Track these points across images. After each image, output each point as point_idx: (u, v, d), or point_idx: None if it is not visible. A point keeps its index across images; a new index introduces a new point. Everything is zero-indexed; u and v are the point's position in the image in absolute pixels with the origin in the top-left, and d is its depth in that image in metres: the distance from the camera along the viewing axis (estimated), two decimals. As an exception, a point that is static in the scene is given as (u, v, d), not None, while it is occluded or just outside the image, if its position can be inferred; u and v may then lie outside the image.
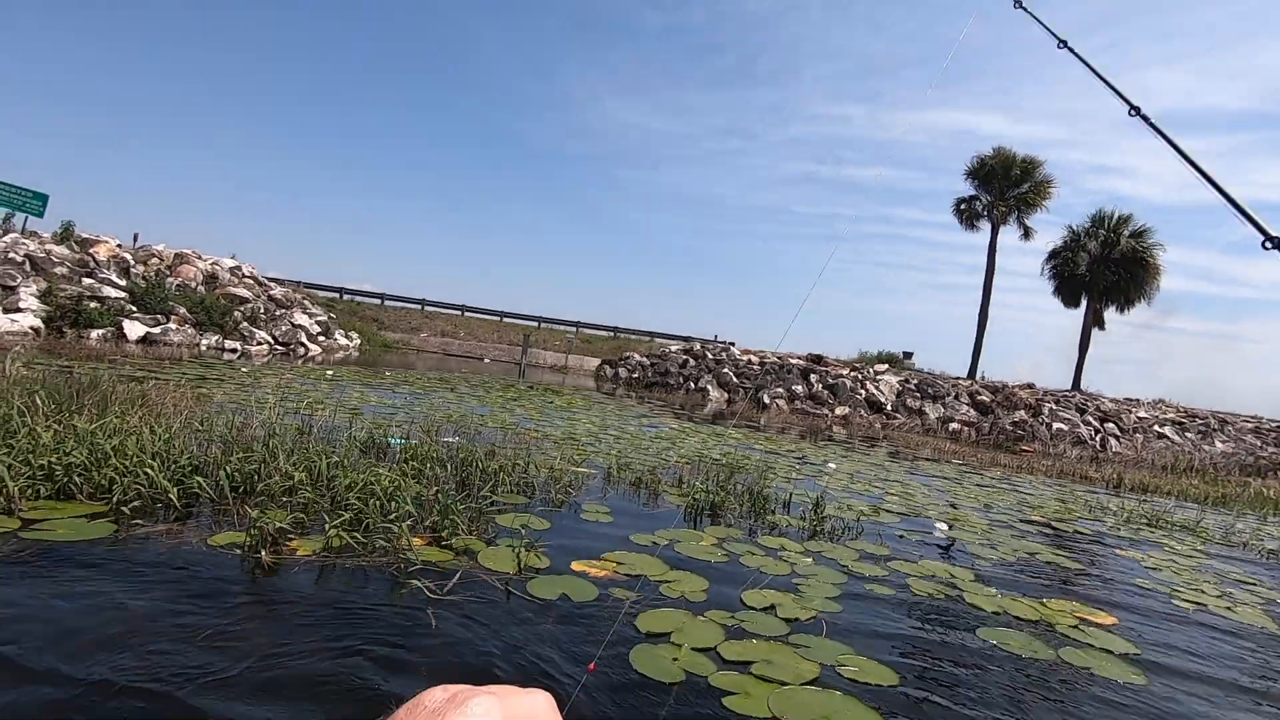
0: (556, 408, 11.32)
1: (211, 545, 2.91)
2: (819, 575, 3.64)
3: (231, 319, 16.68)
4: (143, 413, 4.63)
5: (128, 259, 16.89)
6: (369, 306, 30.53)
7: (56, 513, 3.05)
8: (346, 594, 2.68)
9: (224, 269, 19.30)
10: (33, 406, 4.16)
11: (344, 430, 5.46)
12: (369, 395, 9.46)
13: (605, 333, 33.82)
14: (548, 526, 3.90)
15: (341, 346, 21.49)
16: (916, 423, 19.51)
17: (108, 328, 13.60)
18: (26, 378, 5.58)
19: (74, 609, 2.24)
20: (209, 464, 3.79)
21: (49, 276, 14.26)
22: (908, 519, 5.64)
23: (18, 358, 7.08)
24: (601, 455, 6.64)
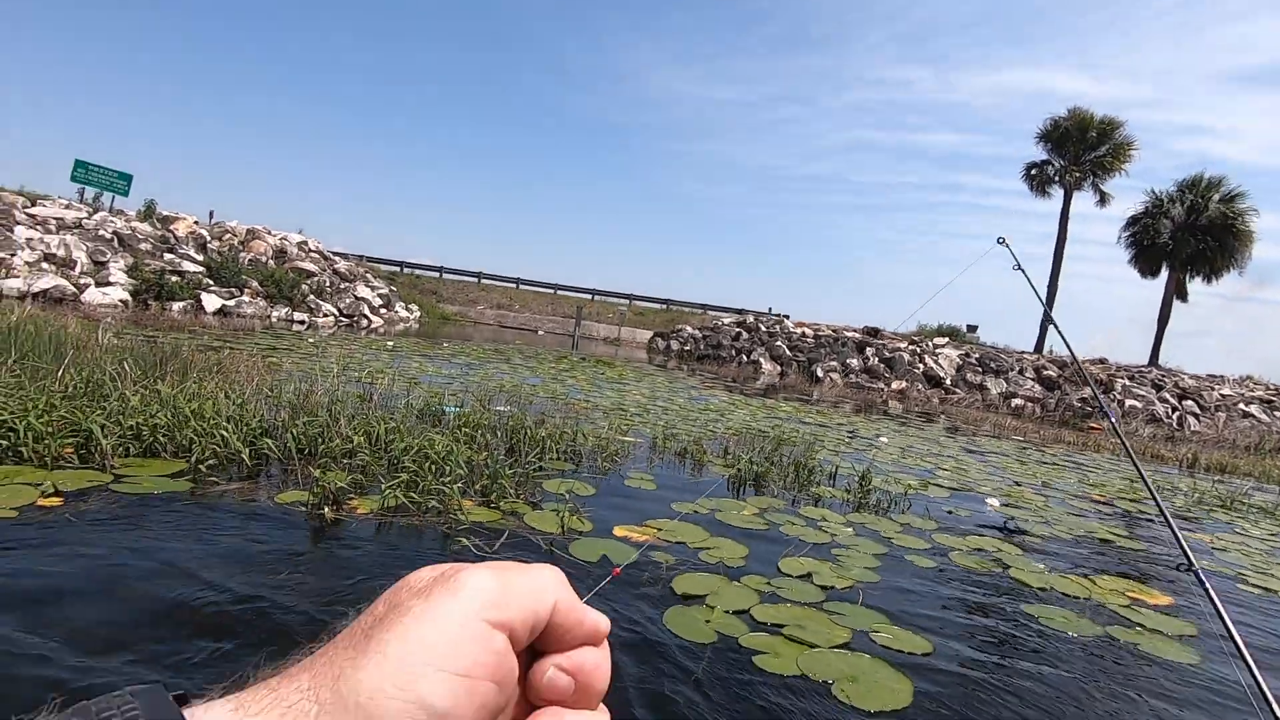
0: (607, 379, 11.47)
1: (279, 502, 3.14)
2: (859, 546, 3.65)
3: (299, 292, 17.42)
4: (218, 379, 4.95)
5: (204, 235, 17.80)
6: (428, 280, 31.32)
7: (143, 469, 3.32)
8: (401, 548, 2.86)
9: (292, 244, 20.11)
10: (122, 373, 4.50)
11: (402, 398, 5.71)
12: (427, 365, 9.79)
13: (658, 305, 33.82)
14: (592, 492, 4.02)
15: (402, 318, 22.19)
16: (977, 398, 18.92)
17: (187, 300, 14.42)
18: (117, 346, 6.02)
19: (158, 551, 2.46)
20: (277, 427, 4.04)
21: (135, 252, 15.18)
22: (958, 494, 5.55)
23: (109, 328, 7.63)
24: (649, 426, 6.73)
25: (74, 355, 4.89)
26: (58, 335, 5.83)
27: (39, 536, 2.46)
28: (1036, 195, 29.49)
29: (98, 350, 5.54)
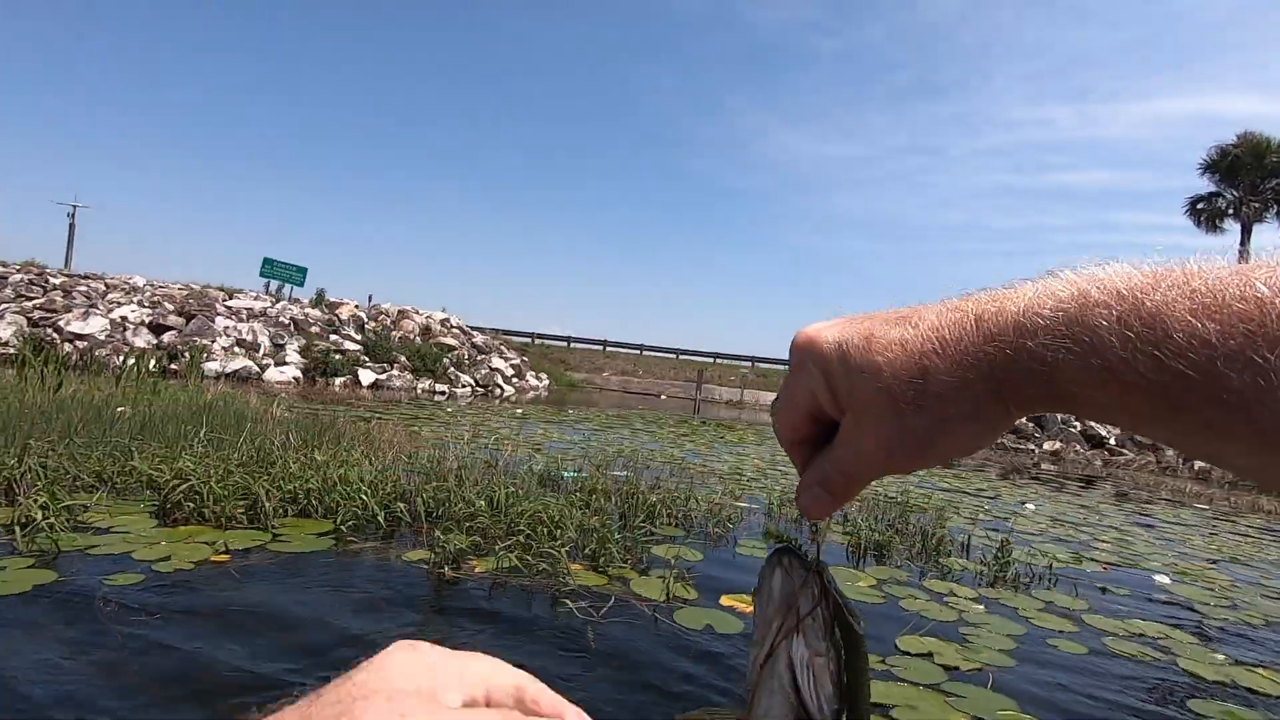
0: (726, 443, 11.38)
1: (406, 560, 3.40)
2: (991, 625, 3.34)
3: (441, 365, 18.91)
4: (364, 447, 5.48)
5: (363, 317, 19.92)
6: (557, 349, 32.92)
7: (297, 529, 3.73)
8: (513, 608, 2.99)
9: (436, 321, 21.99)
10: (286, 443, 5.12)
11: (525, 464, 6.01)
12: (552, 432, 10.22)
13: (782, 366, 33.27)
14: (700, 559, 4.00)
15: (532, 387, 23.36)
16: (1149, 459, 16.77)
17: (347, 376, 16.09)
18: (286, 419, 6.85)
19: (300, 601, 2.75)
20: (410, 491, 4.39)
21: (306, 334, 17.25)
22: (1119, 570, 4.93)
23: (282, 403, 8.69)
24: (765, 491, 6.59)
25: (251, 428, 5.62)
26: (240, 410, 6.73)
27: (209, 586, 2.83)
28: (1206, 231, 26.47)
29: (271, 423, 6.33)
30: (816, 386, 0.38)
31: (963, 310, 0.34)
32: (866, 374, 0.34)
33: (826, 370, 0.37)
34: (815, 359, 0.37)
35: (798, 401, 0.39)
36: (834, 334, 0.37)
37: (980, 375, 0.32)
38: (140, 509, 3.77)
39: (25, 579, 2.68)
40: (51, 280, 15.86)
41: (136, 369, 9.68)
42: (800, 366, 0.39)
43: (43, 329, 13.72)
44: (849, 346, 0.36)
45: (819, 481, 0.39)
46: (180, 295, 16.89)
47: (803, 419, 0.40)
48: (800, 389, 0.39)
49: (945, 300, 0.35)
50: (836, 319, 0.38)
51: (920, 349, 0.33)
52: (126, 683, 2.07)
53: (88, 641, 2.27)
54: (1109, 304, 0.29)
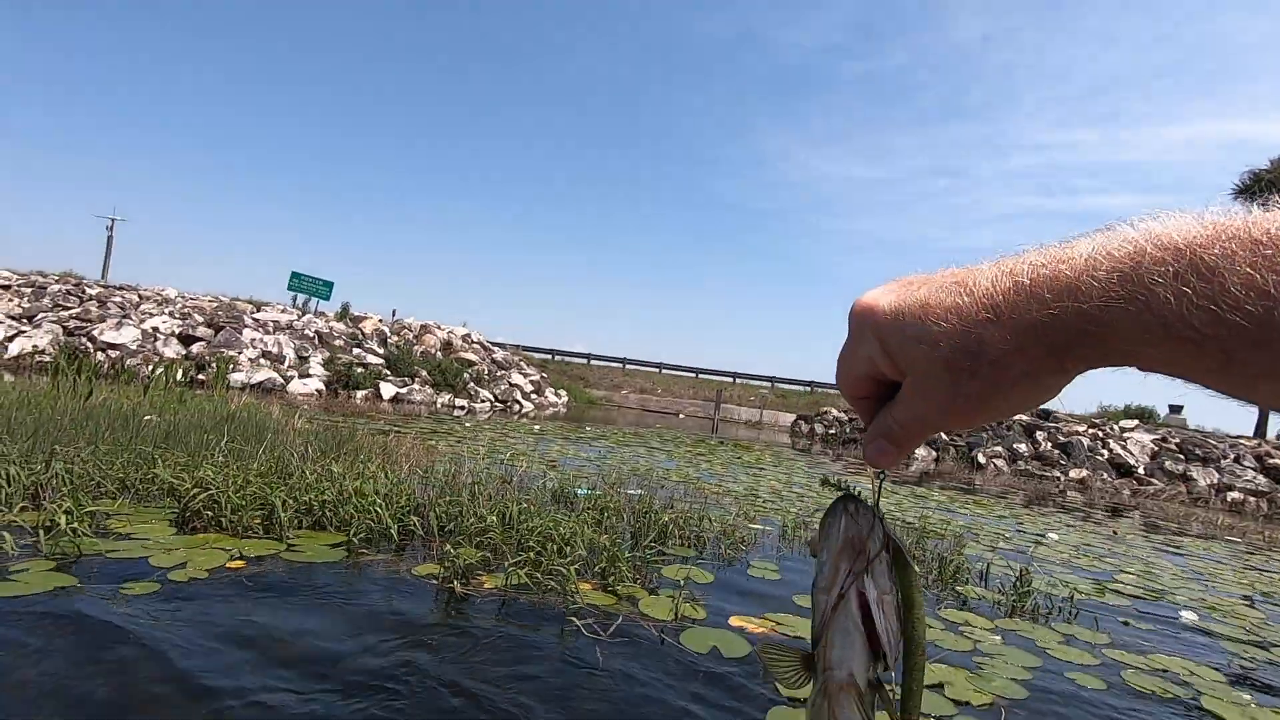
0: (743, 463, 11.30)
1: (416, 574, 3.42)
2: (1007, 656, 3.27)
3: (461, 380, 19.07)
4: (381, 460, 5.54)
5: (385, 331, 20.19)
6: (577, 366, 33.04)
7: (311, 540, 3.78)
8: (520, 625, 2.98)
9: (457, 336, 22.22)
10: (305, 454, 5.20)
11: (540, 480, 6.02)
12: (568, 448, 10.24)
13: (801, 387, 33.05)
14: (711, 580, 3.96)
15: (551, 403, 23.43)
16: (1179, 490, 16.32)
17: (369, 389, 16.28)
18: (307, 430, 6.95)
19: (308, 612, 2.78)
20: (424, 505, 4.42)
21: (330, 347, 17.52)
22: (1143, 603, 4.80)
23: (304, 414, 8.82)
24: (780, 513, 6.53)
25: (271, 438, 5.71)
26: (262, 421, 6.84)
27: (220, 593, 2.87)
28: (1240, 257, 25.89)
29: (292, 434, 6.43)
30: (874, 353, 0.40)
31: (1017, 274, 0.34)
32: (924, 343, 0.36)
33: (883, 338, 0.39)
34: (873, 327, 0.40)
35: (858, 366, 0.42)
36: (890, 302, 0.39)
37: (1035, 339, 0.33)
38: (160, 516, 3.84)
39: (46, 581, 2.74)
40: (88, 291, 16.33)
41: (165, 379, 9.90)
42: (859, 333, 0.41)
43: (78, 338, 14.10)
44: (905, 316, 0.37)
45: (883, 434, 0.42)
46: (210, 307, 17.27)
47: (863, 380, 0.43)
48: (859, 355, 0.42)
49: (999, 260, 0.36)
50: (891, 283, 0.40)
51: (975, 317, 0.35)
52: (126, 687, 2.10)
53: (97, 645, 2.31)
54: (1166, 260, 0.29)
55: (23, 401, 6.20)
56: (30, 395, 6.75)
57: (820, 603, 0.47)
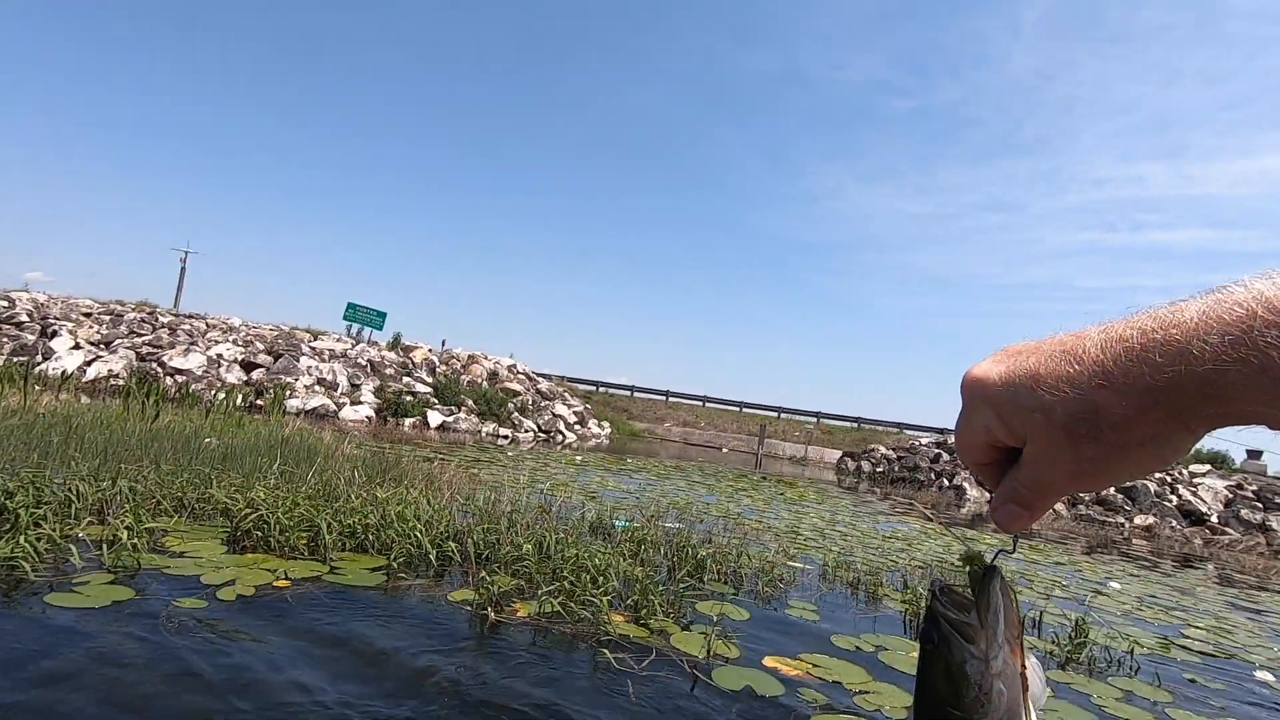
0: (786, 500, 11.10)
1: (451, 600, 3.46)
2: (1059, 711, 3.10)
3: (506, 410, 19.35)
4: (424, 487, 5.65)
5: (434, 360, 20.71)
6: (620, 397, 33.14)
7: (353, 563, 3.87)
8: (552, 655, 2.99)
9: (503, 367, 22.62)
10: (351, 479, 5.35)
11: (578, 510, 6.04)
12: (608, 480, 10.24)
13: (847, 423, 32.39)
14: (747, 617, 3.89)
15: (594, 434, 23.52)
16: (1257, 540, 15.28)
17: (416, 416, 16.66)
18: (355, 455, 7.15)
19: (345, 633, 2.84)
20: (463, 532, 4.49)
21: (381, 376, 18.04)
22: (1212, 660, 4.49)
23: (354, 440, 9.08)
24: (822, 552, 6.37)
25: (321, 463, 5.90)
26: (313, 445, 7.07)
27: (264, 612, 2.97)
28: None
29: (341, 459, 6.62)
30: (990, 423, 0.41)
31: (1126, 340, 0.35)
32: (1039, 412, 0.37)
33: (998, 410, 0.40)
34: (986, 398, 0.41)
35: (975, 436, 0.43)
36: (1000, 373, 0.40)
37: (1153, 403, 0.33)
38: (213, 535, 4.00)
39: (105, 594, 2.88)
40: (160, 319, 17.28)
41: (226, 403, 10.35)
42: (972, 405, 0.42)
43: (149, 363, 14.89)
44: (1018, 388, 0.38)
45: (1011, 499, 0.42)
46: (270, 335, 18.04)
47: (983, 449, 0.43)
48: (975, 426, 0.42)
49: (1106, 325, 0.37)
50: (999, 355, 0.42)
51: (1089, 384, 0.35)
52: (170, 698, 2.18)
53: (149, 656, 2.41)
54: (1276, 323, 0.30)
55: (96, 422, 6.56)
56: (103, 416, 7.15)
57: (997, 689, 0.43)
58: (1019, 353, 0.40)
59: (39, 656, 2.32)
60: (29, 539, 3.15)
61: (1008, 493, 0.42)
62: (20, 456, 4.78)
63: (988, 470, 0.45)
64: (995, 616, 0.44)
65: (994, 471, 0.44)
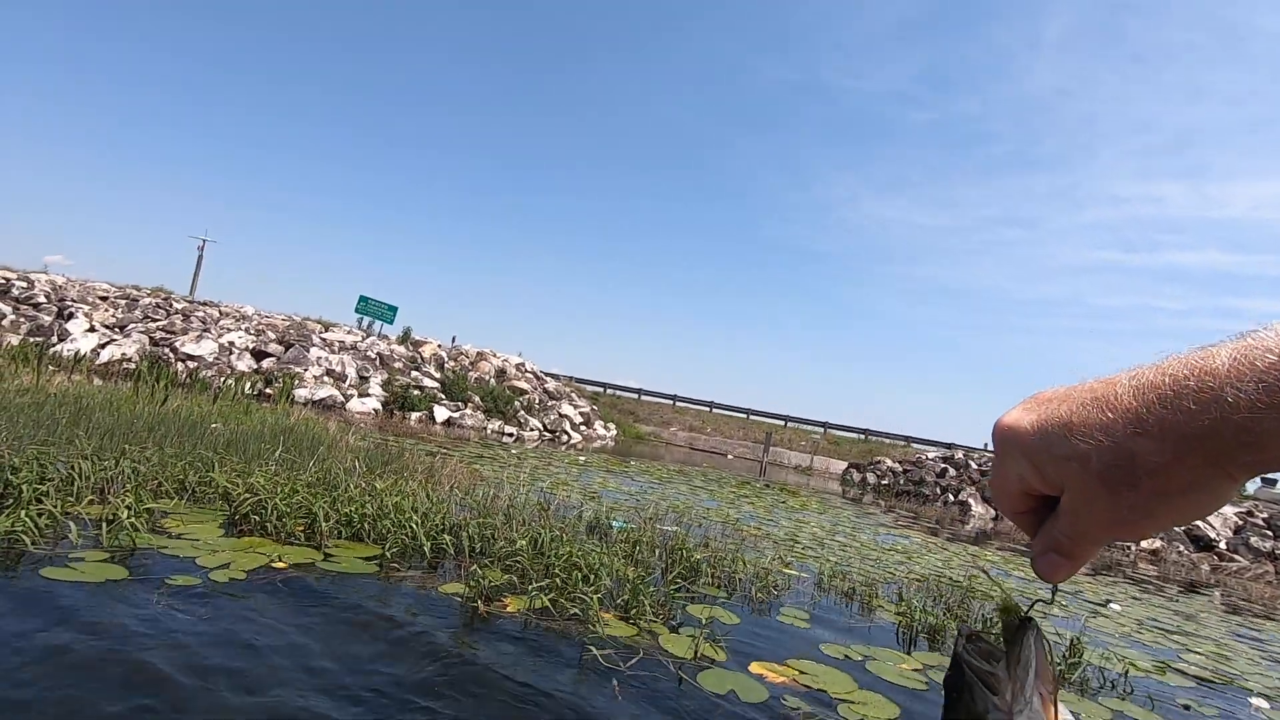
0: (787, 508, 11.06)
1: (442, 592, 3.48)
2: (1046, 728, 3.07)
3: (512, 408, 19.40)
4: (423, 479, 5.68)
5: (443, 356, 20.80)
6: (627, 400, 33.14)
7: (348, 551, 3.90)
8: (540, 650, 3.00)
9: (511, 365, 22.69)
10: (351, 469, 5.38)
11: (576, 509, 6.06)
12: (610, 481, 10.25)
13: (855, 435, 32.24)
14: (737, 622, 3.89)
15: (600, 436, 23.53)
16: (1266, 568, 15.07)
17: (423, 411, 16.74)
18: (358, 447, 7.20)
19: (333, 620, 2.86)
20: (459, 526, 4.51)
21: (390, 369, 18.14)
22: (1208, 686, 4.44)
23: (358, 432, 9.14)
24: (819, 561, 6.35)
25: (323, 451, 5.94)
26: (318, 435, 7.13)
27: (256, 595, 3.00)
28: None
29: (344, 449, 6.67)
30: (1025, 472, 0.40)
31: (1160, 387, 0.34)
32: (1073, 462, 0.37)
33: (1032, 459, 0.39)
34: (1019, 448, 0.40)
35: (1010, 485, 0.43)
36: (1032, 422, 0.39)
37: (1190, 449, 0.33)
38: (212, 518, 4.04)
39: (100, 571, 2.92)
40: (175, 305, 17.46)
41: (235, 390, 10.44)
42: (1006, 454, 0.42)
43: (161, 348, 15.05)
44: (1051, 436, 0.38)
45: (1052, 548, 0.41)
46: (282, 325, 18.19)
47: (1018, 498, 0.43)
48: (1009, 475, 0.42)
49: (1136, 371, 0.36)
50: (1028, 403, 0.41)
51: (1124, 432, 0.35)
52: (152, 671, 2.21)
53: (136, 630, 2.45)
54: None
55: (105, 404, 6.65)
56: (113, 398, 7.24)
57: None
58: (1049, 400, 0.40)
59: (31, 630, 2.36)
60: (30, 514, 3.20)
61: (1047, 542, 0.41)
62: (28, 434, 4.86)
63: (1024, 519, 0.44)
64: (1025, 669, 0.43)
65: (1031, 520, 0.43)
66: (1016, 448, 0.40)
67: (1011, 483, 0.42)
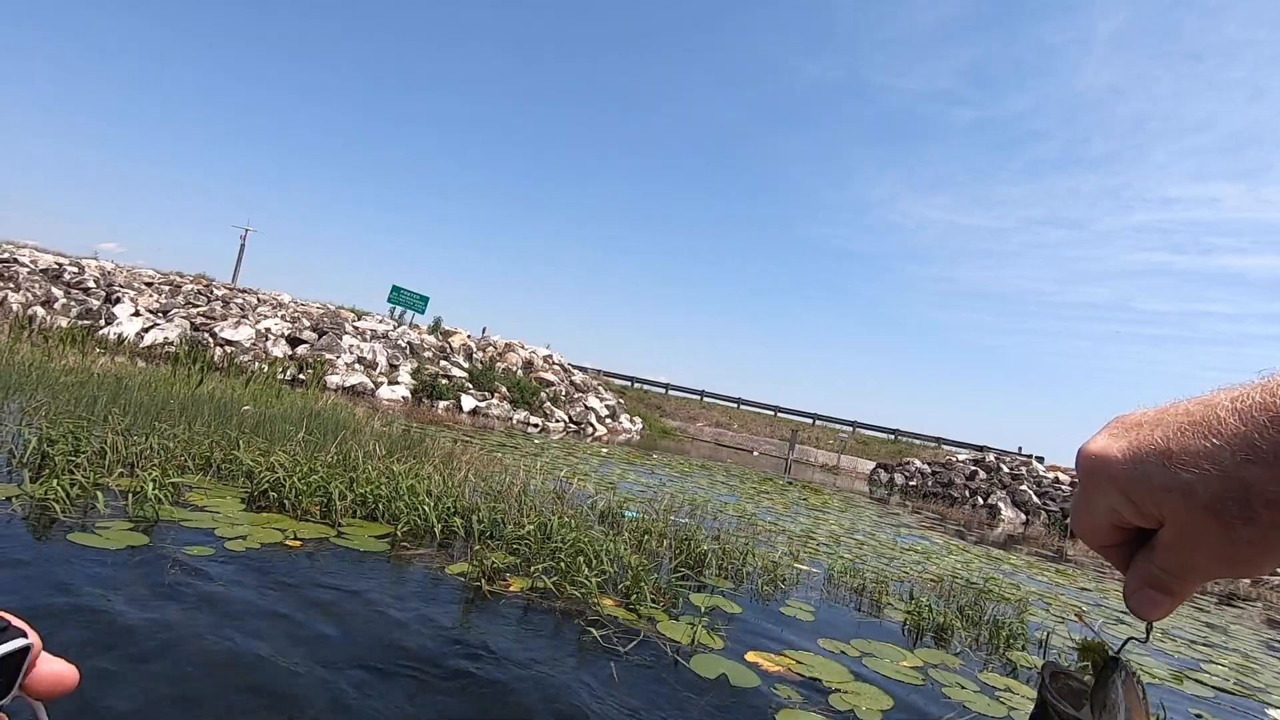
0: (808, 505, 11.00)
1: (448, 571, 3.57)
2: (1044, 728, 3.04)
3: (539, 399, 19.59)
4: (440, 464, 5.80)
5: (472, 346, 21.09)
6: (655, 395, 33.17)
7: (361, 530, 4.02)
8: (540, 629, 3.07)
9: (539, 356, 22.89)
10: (370, 453, 5.53)
11: (591, 498, 6.13)
12: (629, 473, 10.32)
13: (884, 435, 31.79)
14: (739, 612, 3.91)
15: (625, 429, 23.62)
16: (1312, 585, 14.47)
17: (450, 400, 17.01)
18: (382, 432, 7.37)
19: (339, 594, 2.97)
20: (471, 509, 4.61)
21: (419, 359, 18.47)
22: (1226, 697, 4.32)
23: (386, 418, 9.35)
24: (833, 558, 6.32)
25: (345, 434, 6.11)
26: (344, 420, 7.32)
27: (267, 566, 3.12)
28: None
29: (368, 434, 6.84)
30: (1117, 504, 0.37)
31: (1271, 409, 0.31)
32: (1175, 493, 0.34)
33: (1127, 490, 0.36)
34: (1110, 478, 0.37)
35: (1099, 518, 0.39)
36: (1122, 450, 0.36)
37: None
38: (235, 494, 4.20)
39: (123, 539, 3.07)
40: (215, 292, 18.01)
41: (269, 375, 10.75)
42: (1094, 484, 0.38)
43: (202, 333, 15.55)
44: (1147, 465, 0.35)
45: (1150, 584, 0.38)
46: (317, 313, 18.64)
47: (1108, 531, 0.40)
48: (1099, 506, 0.39)
49: (1238, 392, 0.33)
50: (1114, 428, 0.38)
51: (1233, 460, 0.32)
52: (159, 629, 2.33)
53: (149, 593, 2.58)
54: None
55: (144, 385, 6.93)
56: (151, 379, 7.53)
57: None
58: (1139, 425, 0.37)
59: (53, 587, 2.50)
60: (62, 483, 3.38)
61: (1144, 577, 0.38)
62: (68, 410, 5.10)
63: (1113, 552, 0.41)
64: (1112, 714, 0.39)
65: (1121, 553, 0.40)
66: (1107, 478, 0.37)
67: (1101, 515, 0.39)
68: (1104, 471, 0.37)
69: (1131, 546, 0.39)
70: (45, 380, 6.46)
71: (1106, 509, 0.38)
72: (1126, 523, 0.38)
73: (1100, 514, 0.39)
